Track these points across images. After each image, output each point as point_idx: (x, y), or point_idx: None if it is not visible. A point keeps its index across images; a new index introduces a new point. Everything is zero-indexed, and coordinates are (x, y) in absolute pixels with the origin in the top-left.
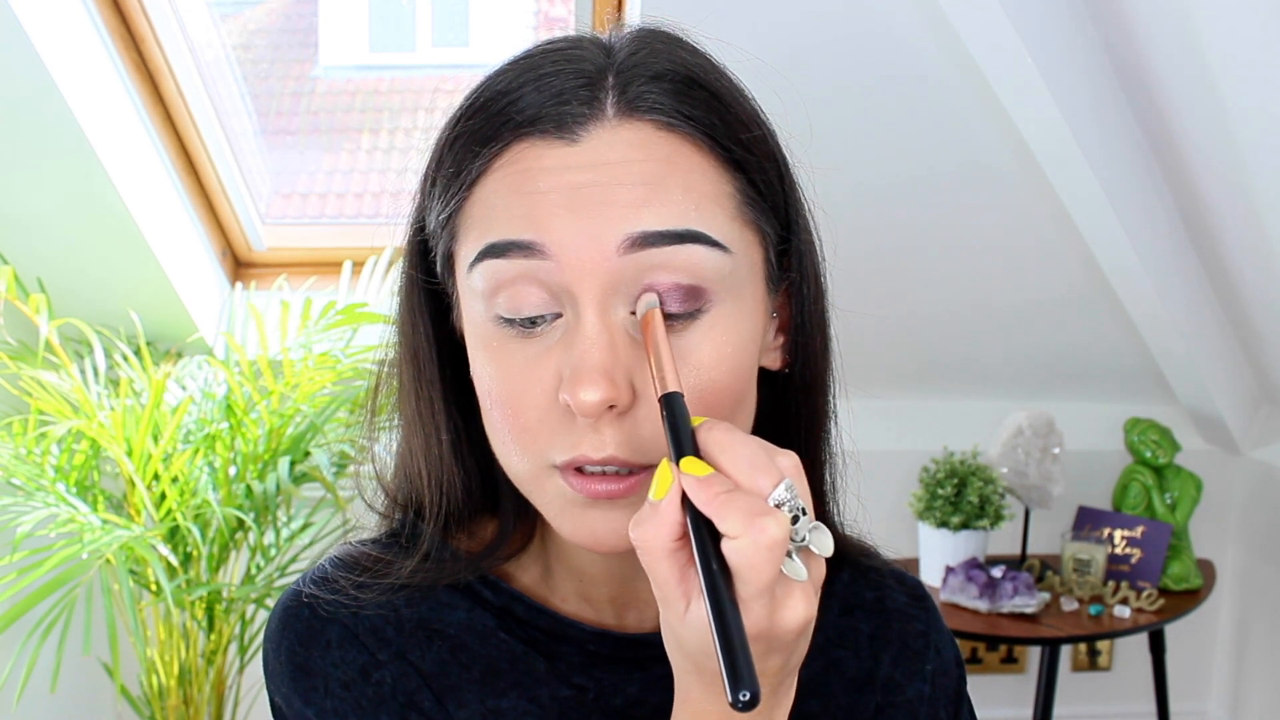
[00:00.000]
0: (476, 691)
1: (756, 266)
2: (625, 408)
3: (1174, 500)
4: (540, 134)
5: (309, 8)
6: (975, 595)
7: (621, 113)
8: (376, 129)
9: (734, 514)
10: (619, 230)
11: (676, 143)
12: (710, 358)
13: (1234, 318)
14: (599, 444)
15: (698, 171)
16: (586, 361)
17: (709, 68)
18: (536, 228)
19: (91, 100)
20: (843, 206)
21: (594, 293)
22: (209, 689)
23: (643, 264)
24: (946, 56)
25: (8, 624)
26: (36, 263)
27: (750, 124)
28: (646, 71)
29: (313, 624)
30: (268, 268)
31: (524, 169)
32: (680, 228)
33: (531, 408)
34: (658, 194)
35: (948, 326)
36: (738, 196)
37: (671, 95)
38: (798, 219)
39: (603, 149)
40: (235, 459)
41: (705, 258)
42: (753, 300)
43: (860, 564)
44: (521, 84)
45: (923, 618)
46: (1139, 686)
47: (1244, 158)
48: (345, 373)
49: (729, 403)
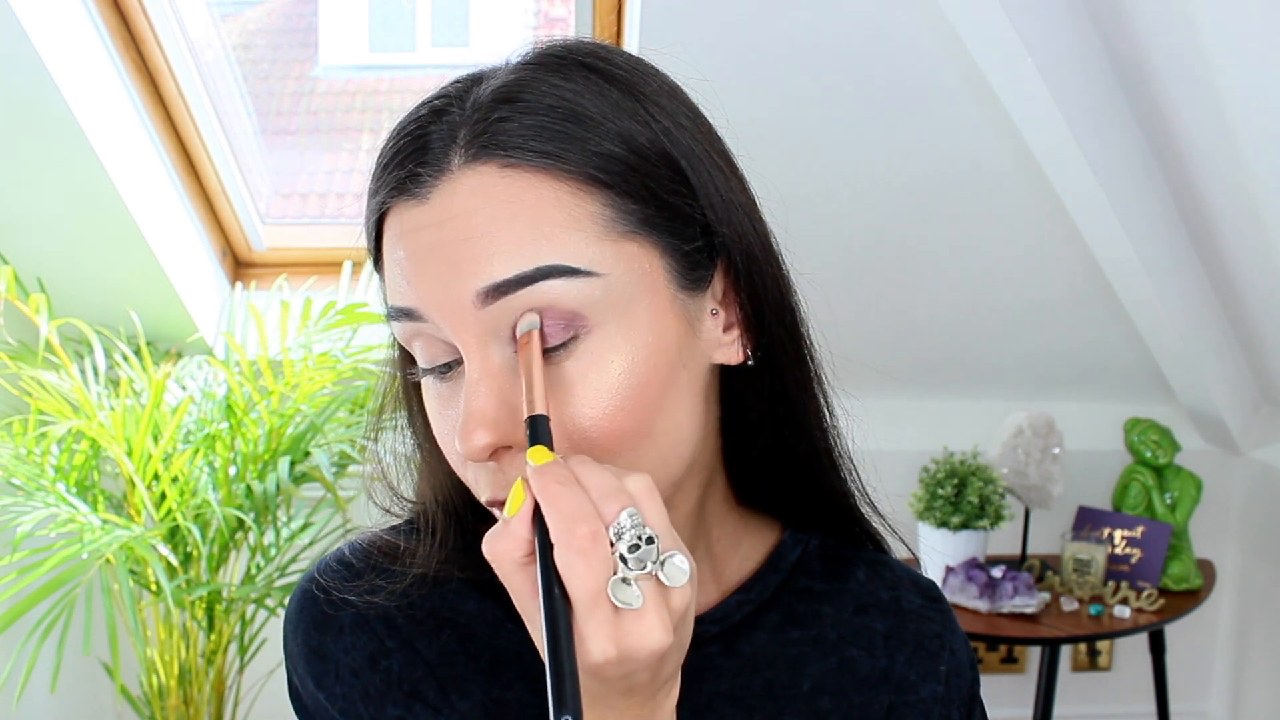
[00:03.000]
0: (482, 682)
1: (649, 277)
2: (522, 445)
3: (1174, 500)
4: (399, 196)
5: (309, 8)
6: (975, 595)
7: (466, 162)
8: (376, 129)
9: (559, 510)
10: (470, 287)
11: (523, 178)
12: (603, 382)
13: (1234, 318)
14: (504, 483)
15: (549, 202)
16: (467, 410)
17: (578, 86)
18: (409, 295)
19: (91, 100)
20: (846, 208)
21: (470, 343)
22: (209, 689)
23: (506, 309)
24: (947, 58)
25: (8, 624)
26: (36, 263)
27: (621, 134)
28: (494, 113)
29: (326, 609)
30: (268, 268)
31: (396, 233)
32: (530, 268)
33: (452, 450)
34: (502, 239)
35: (948, 327)
36: (606, 213)
37: (513, 131)
38: (718, 210)
39: (447, 203)
40: (235, 459)
41: (566, 288)
42: (650, 311)
43: (876, 564)
44: (390, 151)
45: (938, 619)
46: (1139, 686)
47: (1244, 157)
48: (345, 373)
49: (635, 421)
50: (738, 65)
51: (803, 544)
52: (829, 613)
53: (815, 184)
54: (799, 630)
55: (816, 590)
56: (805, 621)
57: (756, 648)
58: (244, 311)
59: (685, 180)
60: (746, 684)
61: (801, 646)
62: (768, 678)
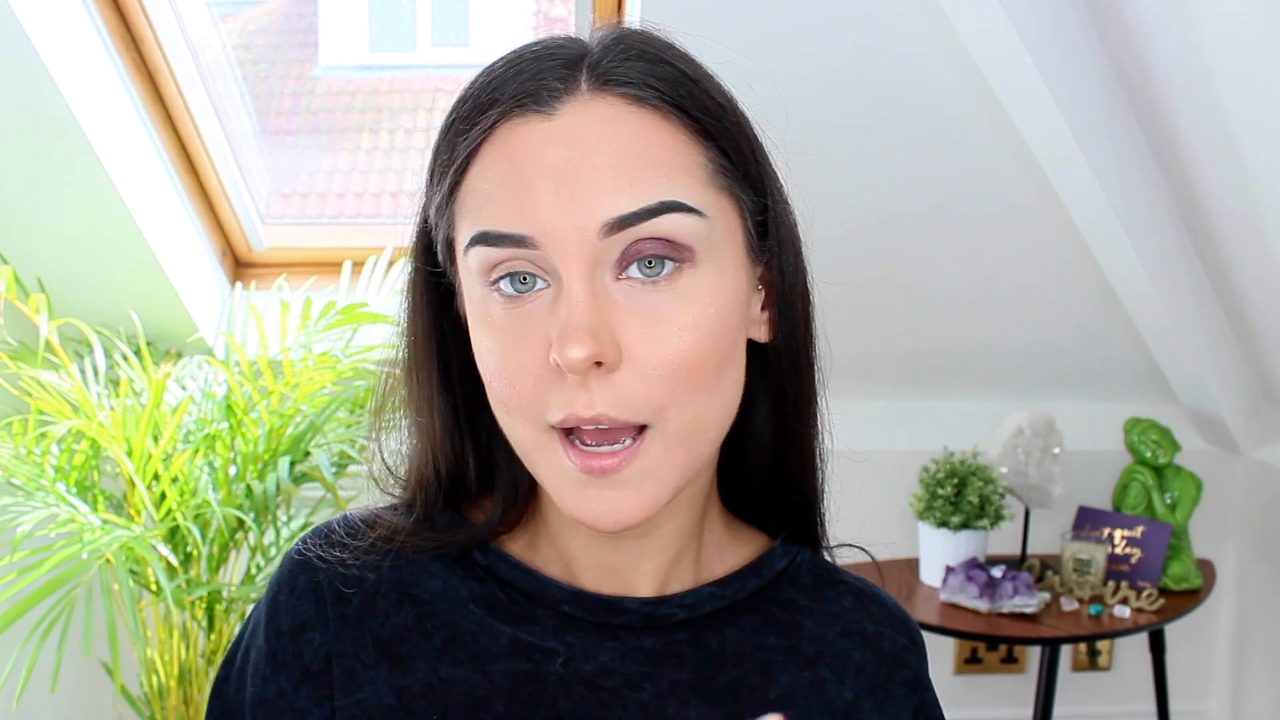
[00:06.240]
0: (431, 660)
1: (734, 232)
2: (613, 365)
3: (1174, 500)
4: (520, 110)
5: (309, 8)
6: (975, 595)
7: (594, 89)
8: (376, 129)
9: None
10: (597, 218)
11: (647, 116)
12: (694, 317)
13: (1234, 318)
14: (589, 402)
15: (669, 143)
16: (571, 321)
17: (679, 53)
18: (522, 220)
19: (91, 100)
20: (847, 208)
21: (579, 268)
22: (209, 689)
23: (624, 239)
24: (964, 83)
25: (8, 624)
26: (36, 263)
27: (718, 96)
28: (619, 54)
29: (294, 569)
30: (268, 268)
31: (508, 150)
32: (654, 202)
33: (526, 373)
34: (630, 173)
35: (948, 327)
36: (710, 166)
37: (641, 72)
38: (773, 190)
39: (576, 124)
40: (235, 459)
41: (683, 223)
42: (733, 265)
43: (864, 595)
44: (505, 72)
45: (914, 663)
46: (1139, 686)
47: (1244, 158)
48: (345, 373)
49: (713, 364)
50: (738, 75)
51: (791, 555)
52: (810, 628)
53: (814, 187)
54: (776, 638)
55: (802, 604)
56: (784, 631)
57: (726, 645)
58: (244, 311)
59: (756, 156)
60: (711, 678)
61: (775, 654)
62: (735, 676)
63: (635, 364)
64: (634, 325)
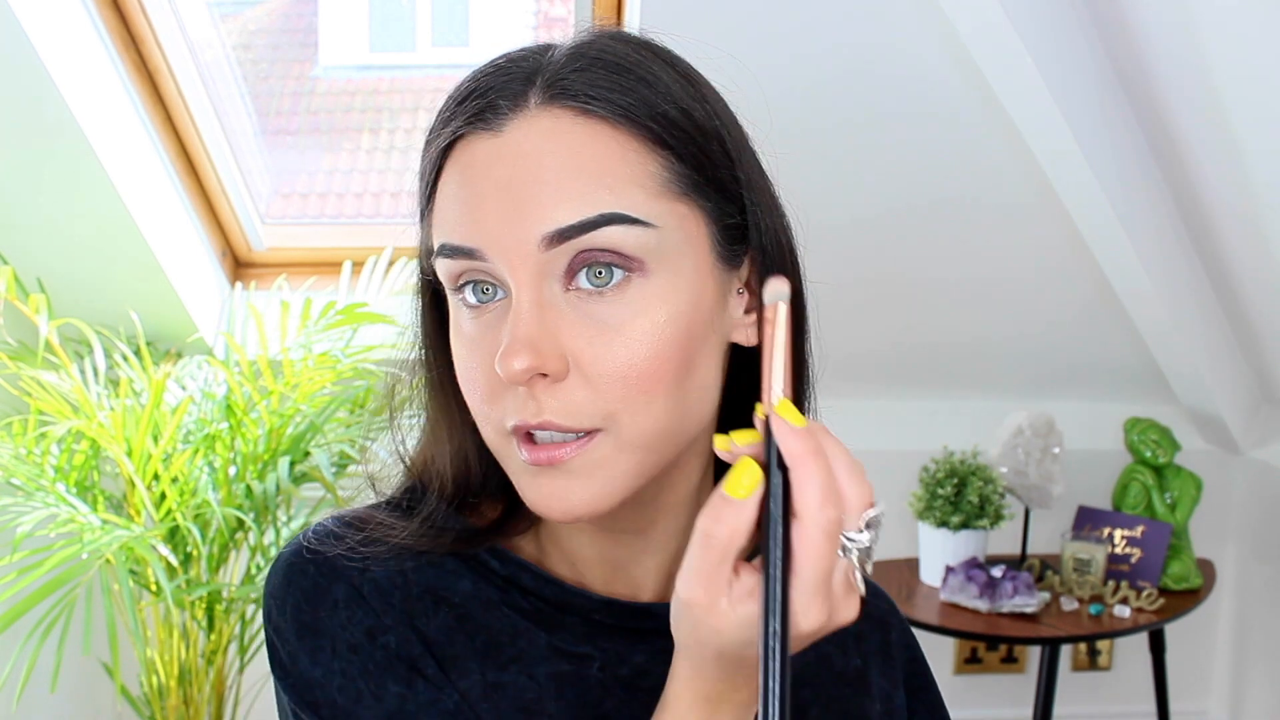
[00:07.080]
0: (478, 663)
1: (696, 240)
2: (559, 375)
3: (1174, 500)
4: (471, 129)
5: (309, 8)
6: (975, 595)
7: (543, 103)
8: (376, 129)
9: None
10: (538, 230)
11: (594, 127)
12: (645, 326)
13: (1234, 318)
14: (536, 410)
15: (616, 154)
16: (513, 333)
17: (649, 58)
18: (473, 233)
19: (91, 100)
20: (847, 209)
21: (525, 279)
22: (209, 689)
23: (568, 251)
24: (963, 81)
25: (8, 624)
26: (36, 263)
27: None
28: (572, 64)
29: (319, 581)
30: (268, 268)
31: (462, 166)
32: (595, 214)
33: (484, 380)
34: (571, 186)
35: (948, 326)
36: (663, 174)
37: (590, 82)
38: (753, 194)
39: (521, 139)
40: (235, 459)
41: (625, 234)
42: (694, 272)
43: None
44: (468, 87)
45: (897, 624)
46: (1139, 686)
47: (1244, 158)
48: (345, 373)
49: (669, 372)
50: (737, 74)
51: None
52: None
53: (813, 185)
54: None
55: None
56: None
57: None
58: (244, 311)
59: (730, 160)
60: None
61: None
62: None
63: (583, 373)
64: (581, 335)
